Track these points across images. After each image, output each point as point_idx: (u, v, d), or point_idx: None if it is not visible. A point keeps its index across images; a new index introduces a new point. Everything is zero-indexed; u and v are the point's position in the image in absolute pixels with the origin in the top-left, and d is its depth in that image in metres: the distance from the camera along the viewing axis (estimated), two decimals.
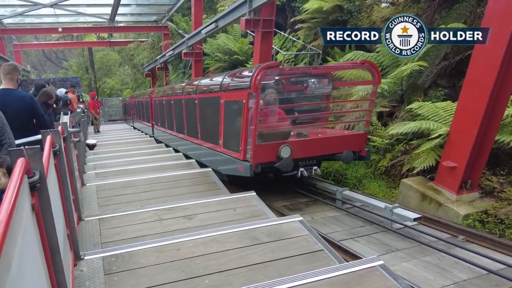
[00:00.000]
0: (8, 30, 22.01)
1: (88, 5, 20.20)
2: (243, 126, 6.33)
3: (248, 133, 6.33)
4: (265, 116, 6.44)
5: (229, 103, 7.01)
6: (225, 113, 7.16)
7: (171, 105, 11.43)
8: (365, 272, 3.07)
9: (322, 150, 6.92)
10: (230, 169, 7.14)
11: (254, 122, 6.11)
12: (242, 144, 6.47)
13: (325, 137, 7.22)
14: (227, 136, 7.21)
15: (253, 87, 5.97)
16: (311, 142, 6.87)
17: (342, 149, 6.86)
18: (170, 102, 11.63)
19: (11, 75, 4.41)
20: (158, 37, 24.27)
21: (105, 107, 29.31)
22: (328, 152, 6.96)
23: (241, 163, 6.52)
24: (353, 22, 10.33)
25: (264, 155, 6.36)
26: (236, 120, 6.74)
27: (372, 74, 6.78)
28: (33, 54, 44.68)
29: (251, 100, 6.12)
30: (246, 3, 9.10)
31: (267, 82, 7.09)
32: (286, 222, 4.21)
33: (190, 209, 4.93)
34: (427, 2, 7.79)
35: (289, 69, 7.70)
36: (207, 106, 8.27)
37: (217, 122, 7.50)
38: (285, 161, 6.31)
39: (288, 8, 14.16)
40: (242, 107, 6.30)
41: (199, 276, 3.24)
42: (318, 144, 6.90)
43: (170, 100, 11.64)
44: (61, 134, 3.27)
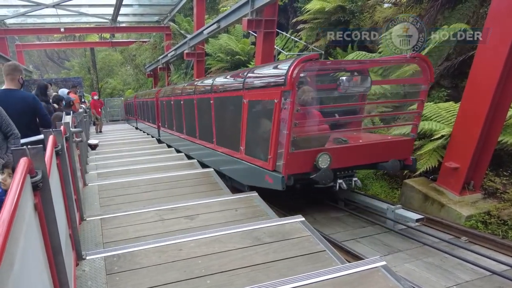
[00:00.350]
0: (11, 30, 22.06)
1: (90, 5, 20.23)
2: (273, 130, 5.41)
3: (280, 139, 5.42)
4: (302, 118, 5.45)
5: (254, 103, 6.14)
6: (248, 114, 6.25)
7: (180, 106, 10.46)
8: (368, 273, 3.07)
9: (365, 158, 6.02)
10: (254, 180, 6.17)
11: (288, 126, 5.16)
12: (271, 152, 5.54)
13: (368, 143, 6.17)
14: (251, 141, 6.29)
15: (288, 84, 5.04)
16: (352, 149, 5.89)
17: (387, 157, 6.01)
18: (179, 102, 10.65)
19: (12, 75, 4.41)
20: (160, 37, 24.30)
21: (107, 107, 29.35)
22: (371, 160, 6.09)
23: (269, 174, 5.60)
24: (355, 23, 10.31)
25: (298, 164, 5.45)
26: (263, 123, 5.87)
27: (423, 70, 5.88)
28: (35, 54, 44.79)
29: (285, 99, 5.23)
30: (248, 3, 9.10)
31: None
32: (288, 222, 4.20)
33: (192, 209, 4.94)
34: (430, 3, 7.77)
35: (331, 63, 6.53)
36: (225, 106, 7.39)
37: (238, 125, 6.58)
38: (323, 172, 5.44)
39: (290, 8, 14.16)
40: (273, 108, 5.41)
41: (201, 276, 3.24)
42: (360, 151, 5.96)
43: (179, 100, 10.64)
44: (63, 134, 3.27)
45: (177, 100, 10.98)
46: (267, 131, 5.66)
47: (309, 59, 5.12)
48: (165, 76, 22.17)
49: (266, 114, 5.74)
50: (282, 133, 5.35)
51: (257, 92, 6.08)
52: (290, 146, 5.29)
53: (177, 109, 11.10)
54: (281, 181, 5.34)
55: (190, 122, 9.74)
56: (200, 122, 8.97)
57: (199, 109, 8.91)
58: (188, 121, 10.01)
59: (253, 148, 6.23)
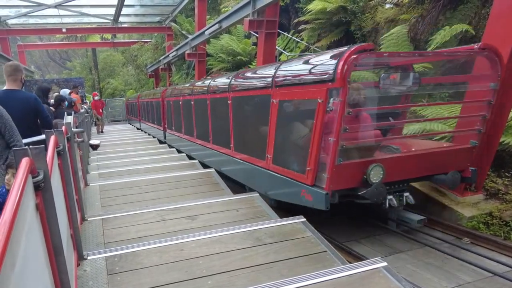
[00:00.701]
0: (13, 30, 22.13)
1: (92, 6, 20.26)
2: (315, 136, 4.47)
3: (323, 147, 4.50)
4: (351, 122, 4.46)
5: (287, 104, 5.26)
6: (278, 117, 5.34)
7: (190, 106, 9.52)
8: (369, 274, 3.06)
9: (420, 170, 5.12)
10: (285, 195, 5.31)
11: (336, 132, 4.25)
12: (310, 163, 4.58)
13: (424, 152, 5.15)
14: (281, 149, 5.41)
15: (338, 80, 4.12)
16: (406, 159, 4.99)
17: (445, 169, 5.14)
18: (189, 102, 9.68)
19: (15, 76, 4.43)
20: (162, 37, 24.33)
21: (108, 108, 29.38)
22: (427, 172, 5.18)
23: (308, 190, 4.67)
24: (356, 23, 10.31)
25: (345, 179, 4.56)
26: (299, 128, 5.01)
27: (492, 65, 4.92)
28: (37, 54, 44.89)
29: (333, 99, 4.33)
30: (249, 4, 9.10)
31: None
32: (290, 223, 4.21)
33: (193, 210, 4.94)
34: (432, 3, 7.75)
35: (389, 54, 5.40)
36: (247, 107, 6.53)
37: (263, 129, 5.72)
38: (376, 187, 4.51)
39: (291, 9, 14.17)
40: (315, 109, 4.46)
41: (202, 276, 3.24)
42: (415, 162, 5.04)
43: (189, 100, 9.68)
44: (65, 134, 3.27)
45: (186, 100, 10.06)
46: (304, 138, 4.78)
47: (363, 49, 4.20)
48: (167, 76, 22.19)
49: (304, 116, 4.91)
50: (326, 140, 4.42)
51: (292, 90, 5.13)
52: (337, 156, 4.35)
53: (186, 111, 10.18)
54: (324, 199, 4.39)
55: (202, 124, 8.78)
56: (214, 125, 8.06)
57: (213, 110, 8.00)
58: (200, 124, 9.09)
59: (284, 157, 5.35)
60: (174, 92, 11.88)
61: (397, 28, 8.31)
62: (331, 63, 4.34)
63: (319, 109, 4.39)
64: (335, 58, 4.31)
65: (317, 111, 4.43)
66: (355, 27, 10.37)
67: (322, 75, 4.44)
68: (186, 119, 10.32)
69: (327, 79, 4.31)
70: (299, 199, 4.85)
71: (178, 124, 11.24)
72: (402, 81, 5.22)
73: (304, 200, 4.76)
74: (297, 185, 4.85)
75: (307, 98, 4.75)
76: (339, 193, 4.56)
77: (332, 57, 4.41)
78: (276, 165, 5.42)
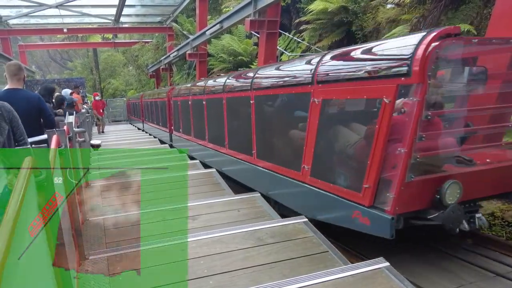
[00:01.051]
0: (14, 30, 22.14)
1: (93, 6, 20.28)
2: (376, 145, 3.52)
3: (388, 160, 3.57)
4: (427, 129, 3.49)
5: (334, 104, 4.30)
6: (321, 119, 4.32)
7: (202, 107, 8.53)
8: (371, 274, 3.06)
9: (498, 186, 4.17)
10: (331, 216, 4.30)
11: (409, 141, 3.30)
12: (369, 178, 3.62)
13: (505, 165, 4.09)
14: (324, 159, 4.41)
15: (416, 74, 3.16)
16: (482, 174, 3.99)
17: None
18: (200, 102, 8.66)
19: (19, 75, 4.43)
20: (163, 38, 24.33)
21: (109, 108, 29.40)
22: (505, 189, 4.26)
23: (364, 212, 3.71)
24: (358, 24, 10.30)
25: (413, 199, 3.59)
26: (350, 134, 4.04)
27: None
28: (38, 54, 44.92)
29: (406, 98, 3.52)
30: (251, 4, 9.09)
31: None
32: (291, 223, 4.20)
33: (194, 210, 4.94)
34: (433, 3, 7.74)
35: (479, 41, 4.05)
36: (274, 107, 5.61)
37: (298, 133, 4.83)
38: (453, 210, 3.54)
39: (292, 9, 14.16)
40: (378, 111, 3.49)
41: (203, 276, 3.24)
42: (492, 176, 4.09)
43: (200, 100, 8.67)
44: (66, 134, 3.27)
45: (197, 100, 9.03)
46: (360, 146, 3.83)
47: (447, 33, 3.23)
48: (168, 76, 22.20)
49: (360, 120, 3.96)
50: (393, 151, 3.49)
51: (342, 87, 4.07)
52: (408, 172, 3.38)
53: (196, 111, 9.15)
54: (389, 225, 3.44)
55: (216, 127, 7.81)
56: (231, 128, 7.11)
57: (231, 111, 7.05)
58: (213, 126, 8.18)
59: (328, 169, 4.36)
60: (182, 91, 10.76)
61: (399, 28, 8.30)
62: (404, 53, 3.34)
63: (385, 110, 3.40)
64: (409, 45, 3.30)
65: (381, 113, 3.45)
66: (357, 27, 10.36)
67: (391, 68, 3.48)
68: (197, 121, 9.37)
69: (398, 73, 3.35)
70: (350, 222, 3.91)
71: (187, 126, 10.19)
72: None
73: (358, 224, 3.81)
74: (348, 205, 3.89)
75: (366, 97, 3.77)
76: (405, 217, 3.56)
77: (405, 44, 3.41)
78: (316, 179, 4.44)
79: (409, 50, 3.26)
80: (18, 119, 3.29)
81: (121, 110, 30.70)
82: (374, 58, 3.88)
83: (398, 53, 3.48)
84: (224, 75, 8.76)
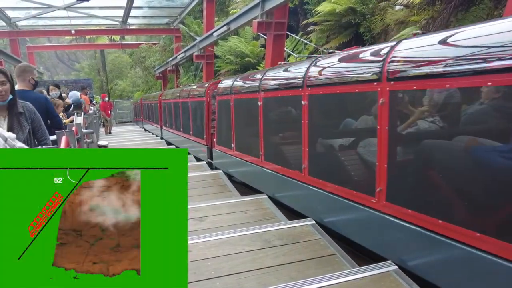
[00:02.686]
0: (22, 32, 22.33)
1: (101, 8, 20.40)
2: None
3: None
4: None
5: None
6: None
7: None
8: (379, 277, 3.03)
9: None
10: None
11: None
12: None
13: None
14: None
15: None
16: None
17: None
18: (226, 104, 7.06)
19: (22, 76, 4.46)
20: (170, 39, 24.42)
21: (116, 109, 29.54)
22: None
23: None
24: (366, 25, 10.27)
25: None
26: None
27: None
28: (45, 56, 45.28)
29: None
30: (258, 5, 9.08)
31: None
32: (299, 225, 4.18)
33: (201, 211, 4.93)
34: (443, 5, 7.69)
35: None
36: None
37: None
38: None
39: (300, 10, 14.15)
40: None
41: (211, 278, 3.23)
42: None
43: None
44: (75, 134, 3.28)
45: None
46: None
47: None
48: (174, 78, 22.27)
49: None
50: None
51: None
52: None
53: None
54: None
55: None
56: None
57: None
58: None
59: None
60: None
61: (407, 30, 8.25)
62: None
63: None
64: None
65: None
66: (365, 29, 10.33)
67: None
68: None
69: None
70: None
71: (245, 136, 6.59)
72: None
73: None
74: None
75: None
76: None
77: None
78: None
79: None
80: (40, 120, 3.40)
81: (128, 111, 30.84)
82: None
83: None
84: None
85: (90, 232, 1.42)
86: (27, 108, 3.34)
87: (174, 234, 1.41)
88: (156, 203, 1.42)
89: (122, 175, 1.43)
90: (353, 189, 3.72)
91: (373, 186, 3.42)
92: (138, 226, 1.42)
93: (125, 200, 1.43)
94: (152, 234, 1.41)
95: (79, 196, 1.41)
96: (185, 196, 1.44)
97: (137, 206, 1.42)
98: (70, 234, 1.41)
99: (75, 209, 1.41)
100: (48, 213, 1.39)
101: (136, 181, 1.43)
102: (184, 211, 1.43)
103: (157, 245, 1.41)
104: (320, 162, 4.39)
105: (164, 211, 1.41)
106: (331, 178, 4.08)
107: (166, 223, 1.41)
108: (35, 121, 3.34)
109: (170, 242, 1.41)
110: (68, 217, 1.41)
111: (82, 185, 1.42)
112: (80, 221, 1.42)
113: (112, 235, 1.42)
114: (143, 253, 1.40)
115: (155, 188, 1.42)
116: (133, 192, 1.43)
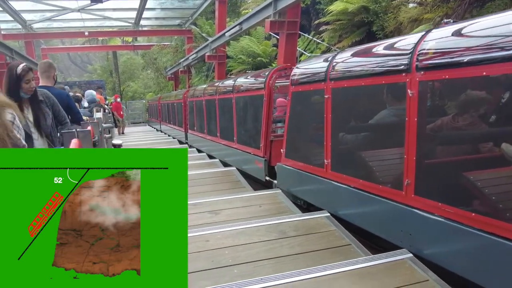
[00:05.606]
0: (37, 34, 22.71)
1: (114, 10, 20.65)
2: None
3: None
4: None
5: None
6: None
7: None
8: (394, 265, 3.08)
9: None
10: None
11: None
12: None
13: None
14: None
15: None
16: None
17: None
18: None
19: (48, 72, 4.59)
20: (182, 41, 24.59)
21: (128, 110, 29.81)
22: None
23: None
24: (379, 24, 10.26)
25: None
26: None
27: None
28: (59, 57, 45.85)
29: None
30: (271, 5, 9.15)
31: None
32: (314, 217, 4.24)
33: (215, 205, 5.01)
34: (457, 2, 7.65)
35: None
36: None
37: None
38: None
39: (312, 10, 14.19)
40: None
41: (228, 266, 3.32)
42: None
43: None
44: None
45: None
46: None
47: None
48: (186, 79, 22.42)
49: None
50: None
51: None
52: None
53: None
54: None
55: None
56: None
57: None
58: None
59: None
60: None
61: (421, 27, 8.23)
62: None
63: None
64: None
65: None
66: (377, 27, 10.31)
67: None
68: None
69: None
70: None
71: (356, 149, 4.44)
72: None
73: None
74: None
75: None
76: None
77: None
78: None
79: None
80: (58, 104, 3.67)
81: (140, 112, 31.14)
82: None
83: None
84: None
85: (90, 232, 1.43)
86: (45, 95, 3.60)
87: (174, 234, 1.42)
88: (156, 203, 1.43)
89: (122, 175, 1.44)
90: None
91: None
92: (138, 226, 1.43)
93: (125, 200, 1.44)
94: (152, 234, 1.42)
95: (79, 196, 1.42)
96: (185, 196, 1.45)
97: (137, 206, 1.44)
98: (70, 234, 1.42)
99: (75, 209, 1.42)
100: (48, 213, 1.40)
101: (136, 181, 1.44)
102: (184, 211, 1.45)
103: (157, 245, 1.42)
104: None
105: (164, 211, 1.43)
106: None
107: (166, 223, 1.42)
108: (55, 106, 3.63)
109: (170, 242, 1.42)
110: (68, 217, 1.42)
111: (82, 185, 1.42)
112: (80, 221, 1.42)
113: (112, 235, 1.43)
114: (143, 253, 1.41)
115: (155, 188, 1.43)
116: (133, 192, 1.44)
